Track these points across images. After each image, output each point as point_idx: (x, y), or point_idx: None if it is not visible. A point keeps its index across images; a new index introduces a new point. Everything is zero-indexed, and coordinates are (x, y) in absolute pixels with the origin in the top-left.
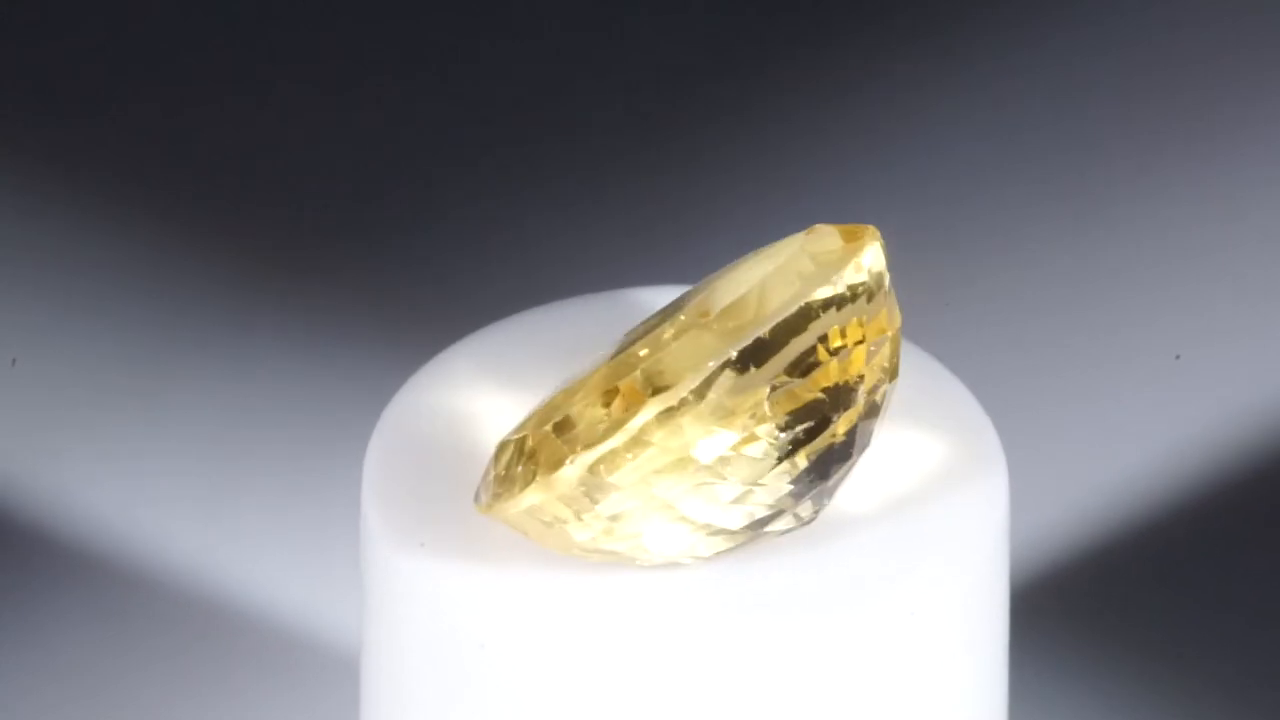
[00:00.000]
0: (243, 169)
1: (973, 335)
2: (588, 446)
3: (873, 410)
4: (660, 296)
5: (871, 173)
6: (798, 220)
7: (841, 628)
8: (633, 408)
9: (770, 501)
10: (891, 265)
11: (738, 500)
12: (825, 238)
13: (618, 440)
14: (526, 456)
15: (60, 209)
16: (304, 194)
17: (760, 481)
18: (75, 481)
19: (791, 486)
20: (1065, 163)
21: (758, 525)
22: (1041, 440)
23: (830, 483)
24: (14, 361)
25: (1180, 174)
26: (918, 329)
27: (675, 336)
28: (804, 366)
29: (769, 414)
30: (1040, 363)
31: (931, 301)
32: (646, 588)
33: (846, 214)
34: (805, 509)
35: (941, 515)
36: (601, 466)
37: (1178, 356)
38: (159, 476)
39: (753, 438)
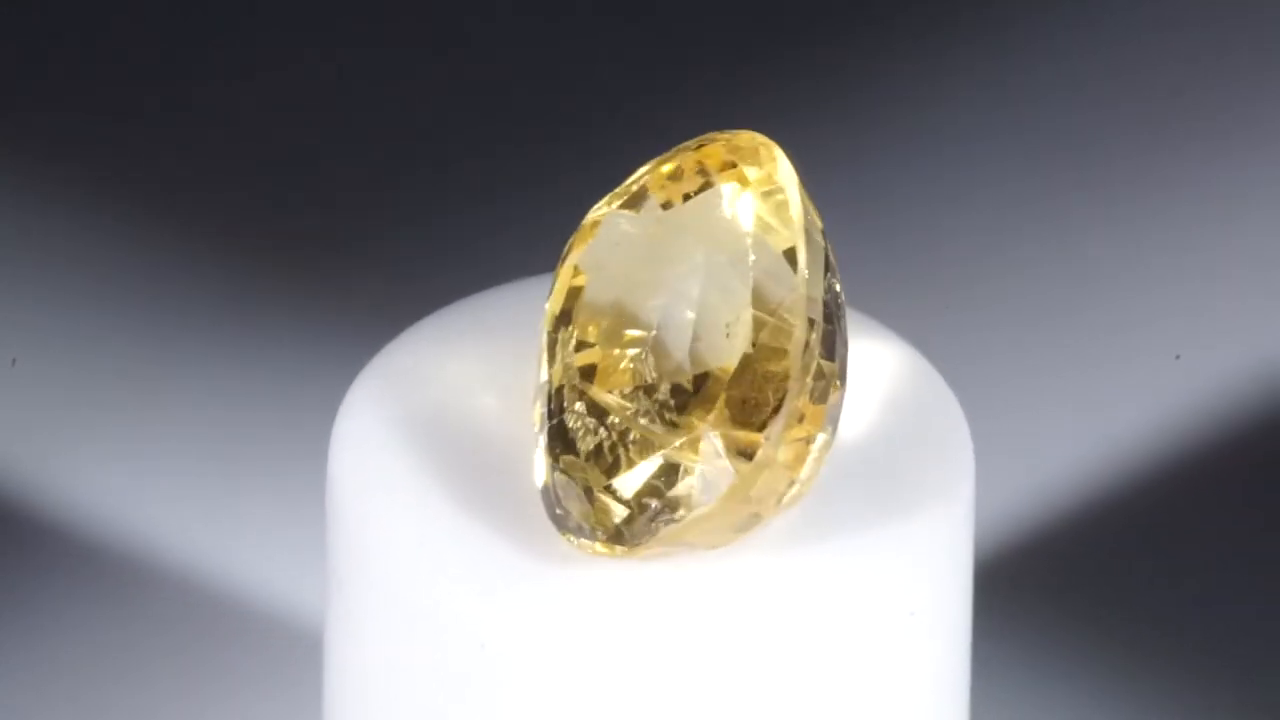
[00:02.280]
0: (239, 168)
1: (957, 328)
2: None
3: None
4: None
5: (869, 171)
6: None
7: (822, 624)
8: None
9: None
10: (891, 263)
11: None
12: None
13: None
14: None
15: (60, 209)
16: (294, 191)
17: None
18: (75, 481)
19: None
20: (1063, 162)
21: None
22: (1006, 422)
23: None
24: (14, 361)
25: (1178, 173)
26: (914, 327)
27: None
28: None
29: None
30: (1006, 346)
31: (932, 303)
32: (643, 584)
33: (844, 213)
34: None
35: (914, 508)
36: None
37: (1178, 357)
38: (159, 475)
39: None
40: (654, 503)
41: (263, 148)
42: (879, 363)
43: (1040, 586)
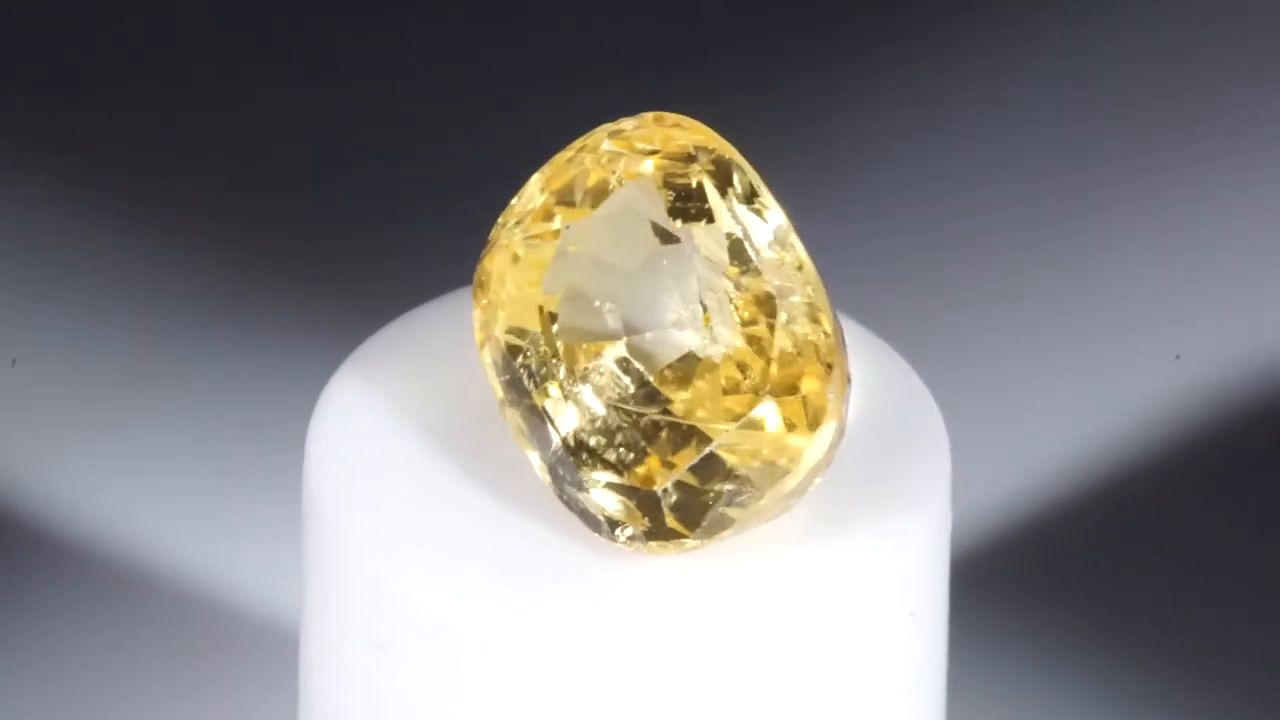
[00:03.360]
0: (231, 169)
1: (947, 326)
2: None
3: None
4: None
5: (866, 172)
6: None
7: (806, 625)
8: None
9: None
10: (890, 261)
11: None
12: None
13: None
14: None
15: (60, 208)
16: (277, 192)
17: None
18: (75, 481)
19: None
20: (1055, 160)
21: None
22: (989, 421)
23: None
24: (14, 361)
25: (1173, 173)
26: (901, 326)
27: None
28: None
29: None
30: (989, 344)
31: (931, 301)
32: (643, 584)
33: (842, 212)
34: None
35: (888, 507)
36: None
37: (1178, 357)
38: (160, 475)
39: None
40: (727, 488)
41: (252, 150)
42: (852, 359)
43: (1025, 585)
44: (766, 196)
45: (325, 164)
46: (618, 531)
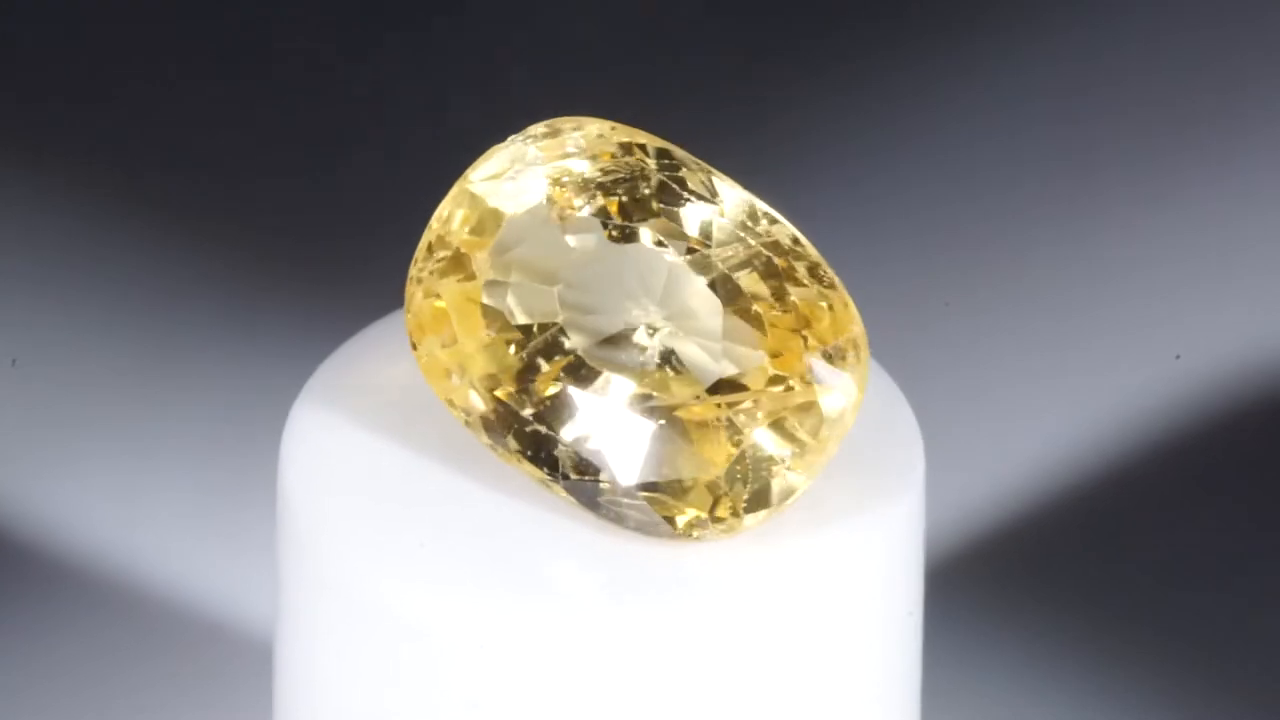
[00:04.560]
0: (247, 167)
1: (943, 328)
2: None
3: None
4: None
5: (865, 172)
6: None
7: (783, 625)
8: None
9: None
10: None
11: None
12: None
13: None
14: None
15: (60, 209)
16: (288, 196)
17: None
18: (75, 482)
19: None
20: (1060, 163)
21: None
22: (982, 416)
23: None
24: (14, 361)
25: (1172, 176)
26: (906, 330)
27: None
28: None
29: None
30: (978, 339)
31: (931, 301)
32: (640, 584)
33: (840, 213)
34: None
35: (862, 503)
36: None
37: (1178, 357)
38: (159, 476)
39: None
40: (788, 453)
41: (245, 155)
42: None
43: (1025, 585)
44: (701, 173)
45: (313, 170)
46: (676, 526)
